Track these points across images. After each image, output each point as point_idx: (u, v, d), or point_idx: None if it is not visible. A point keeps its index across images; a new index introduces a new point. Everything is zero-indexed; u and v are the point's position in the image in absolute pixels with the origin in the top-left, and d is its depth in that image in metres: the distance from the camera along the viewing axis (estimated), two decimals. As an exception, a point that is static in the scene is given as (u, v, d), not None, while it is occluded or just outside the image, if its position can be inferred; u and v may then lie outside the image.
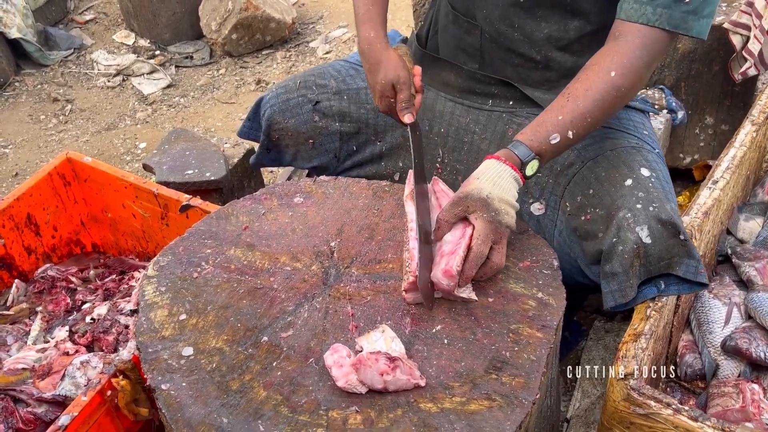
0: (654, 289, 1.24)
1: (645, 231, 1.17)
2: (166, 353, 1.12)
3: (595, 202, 1.26)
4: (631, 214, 1.19)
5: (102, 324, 1.57)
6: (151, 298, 1.22)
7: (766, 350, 1.43)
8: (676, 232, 1.18)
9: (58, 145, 2.97)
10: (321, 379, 1.06)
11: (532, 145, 1.15)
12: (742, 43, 1.89)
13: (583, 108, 1.16)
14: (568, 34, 1.33)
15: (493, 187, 1.12)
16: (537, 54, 1.36)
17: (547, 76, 1.39)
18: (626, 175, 1.25)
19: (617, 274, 1.20)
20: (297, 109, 1.53)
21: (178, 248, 1.32)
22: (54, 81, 3.41)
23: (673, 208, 1.22)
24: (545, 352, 1.07)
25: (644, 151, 1.31)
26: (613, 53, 1.18)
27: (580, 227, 1.27)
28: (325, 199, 1.42)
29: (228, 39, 3.39)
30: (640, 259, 1.19)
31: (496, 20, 1.36)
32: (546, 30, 1.34)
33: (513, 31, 1.36)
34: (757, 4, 1.86)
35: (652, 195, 1.21)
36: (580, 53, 1.35)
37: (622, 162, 1.28)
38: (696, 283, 1.22)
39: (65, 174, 1.81)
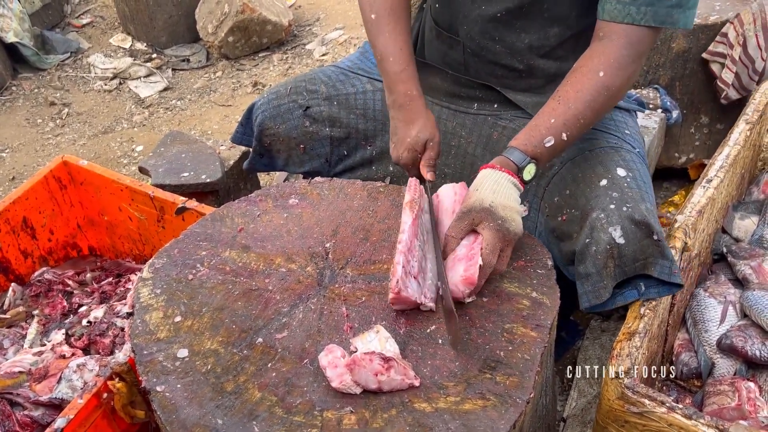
0: (635, 292, 1.23)
1: (618, 231, 1.17)
2: (161, 355, 1.12)
3: (571, 202, 1.26)
4: (605, 214, 1.19)
5: (98, 327, 1.57)
6: (146, 300, 1.22)
7: (761, 348, 1.43)
8: (650, 232, 1.18)
9: (55, 149, 2.97)
10: (316, 379, 1.06)
11: (526, 150, 1.16)
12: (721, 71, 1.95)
13: (574, 110, 1.16)
14: (549, 42, 1.34)
15: (495, 196, 1.12)
16: (520, 63, 1.38)
17: (532, 83, 1.40)
18: (602, 175, 1.25)
19: (591, 275, 1.20)
20: (288, 114, 1.54)
21: (173, 250, 1.32)
22: (51, 85, 3.41)
23: (648, 209, 1.21)
24: (539, 351, 1.07)
25: (623, 151, 1.31)
26: (599, 54, 1.18)
27: (557, 228, 1.27)
28: (320, 201, 1.42)
29: (224, 42, 3.40)
30: (614, 260, 1.19)
31: (477, 35, 1.38)
32: (527, 40, 1.34)
33: (494, 44, 1.37)
34: (730, 36, 1.91)
35: (627, 195, 1.21)
36: (564, 58, 1.36)
37: (599, 162, 1.28)
38: (672, 284, 1.22)
39: (61, 177, 1.81)
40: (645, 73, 2.06)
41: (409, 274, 1.11)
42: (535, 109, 1.40)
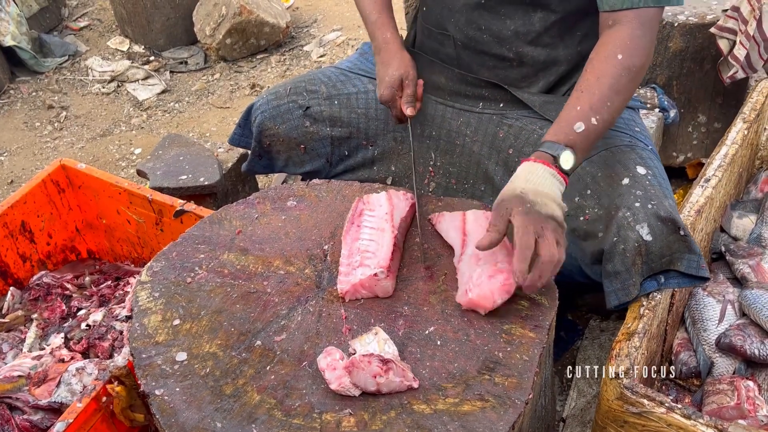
0: (654, 283, 1.24)
1: (645, 229, 1.18)
2: (160, 359, 1.12)
3: (592, 202, 1.26)
4: (631, 212, 1.20)
5: (97, 330, 1.57)
6: (144, 303, 1.22)
7: (760, 347, 1.43)
8: (676, 228, 1.19)
9: (54, 152, 2.97)
10: (314, 382, 1.06)
11: (558, 139, 1.15)
12: (729, 48, 1.90)
13: (599, 94, 1.16)
14: (534, 27, 1.35)
15: (526, 183, 1.11)
16: (508, 51, 1.38)
17: (524, 72, 1.40)
18: (623, 174, 1.26)
19: (620, 273, 1.21)
20: (288, 114, 1.54)
21: (172, 253, 1.32)
22: (49, 88, 3.41)
23: (671, 204, 1.23)
24: (538, 352, 1.07)
25: (638, 149, 1.32)
26: (613, 39, 1.19)
27: (579, 228, 1.28)
28: (318, 203, 1.43)
29: (222, 44, 3.40)
30: (641, 257, 1.20)
31: (464, 26, 1.39)
32: (512, 26, 1.36)
33: (481, 34, 1.39)
34: (743, 10, 1.86)
35: (650, 192, 1.22)
36: (552, 46, 1.37)
37: (617, 161, 1.28)
38: (697, 277, 1.23)
39: (59, 181, 1.81)
40: (642, 73, 2.06)
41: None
42: (543, 107, 1.40)
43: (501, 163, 1.42)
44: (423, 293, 1.19)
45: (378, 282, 1.16)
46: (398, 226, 1.26)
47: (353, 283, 1.16)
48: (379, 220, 1.27)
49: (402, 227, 1.29)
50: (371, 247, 1.21)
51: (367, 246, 1.21)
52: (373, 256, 1.19)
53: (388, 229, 1.24)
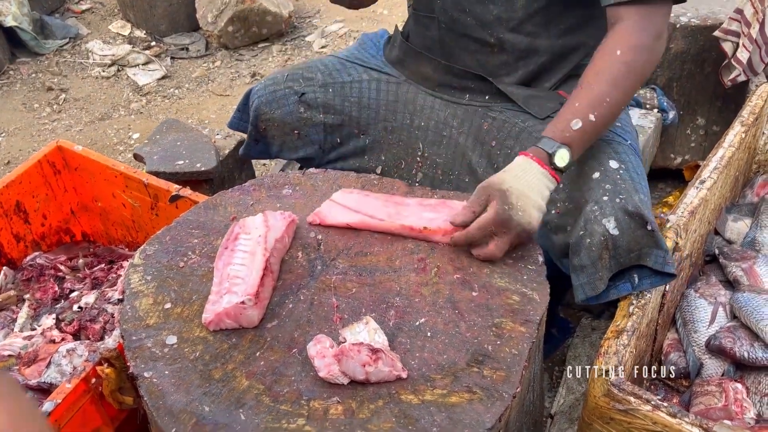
0: (628, 285, 1.24)
1: (612, 222, 1.18)
2: (150, 341, 1.12)
3: (564, 196, 1.27)
4: (598, 206, 1.20)
5: (89, 312, 1.57)
6: (136, 286, 1.22)
7: (750, 350, 1.44)
8: (644, 223, 1.19)
9: (51, 134, 2.96)
10: (303, 369, 1.06)
11: (555, 136, 1.16)
12: (733, 50, 1.90)
13: (597, 90, 1.16)
14: (516, 14, 1.36)
15: (515, 181, 1.12)
16: (490, 36, 1.39)
17: (503, 59, 1.41)
18: (594, 168, 1.26)
19: (585, 267, 1.21)
20: (283, 100, 1.55)
21: (165, 237, 1.32)
22: (49, 70, 3.40)
23: (641, 199, 1.22)
24: (527, 346, 1.07)
25: (614, 143, 1.32)
26: (615, 37, 1.20)
27: (551, 221, 1.28)
28: (314, 192, 1.42)
29: (224, 31, 3.39)
30: (608, 251, 1.20)
31: (450, 7, 1.41)
32: (495, 11, 1.37)
33: (465, 16, 1.40)
34: (746, 12, 1.86)
35: (620, 187, 1.22)
36: (535, 35, 1.37)
37: (591, 155, 1.29)
38: (665, 273, 1.23)
39: (55, 162, 1.81)
40: (643, 73, 2.06)
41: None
42: (526, 101, 1.41)
43: (484, 155, 1.43)
44: (415, 284, 1.19)
45: (244, 311, 1.10)
46: (272, 248, 1.21)
47: (217, 312, 1.10)
48: (253, 244, 1.21)
49: (278, 248, 1.23)
50: (241, 272, 1.16)
51: (237, 271, 1.16)
52: (242, 282, 1.13)
53: (259, 252, 1.19)
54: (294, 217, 1.31)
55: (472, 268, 1.22)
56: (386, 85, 1.55)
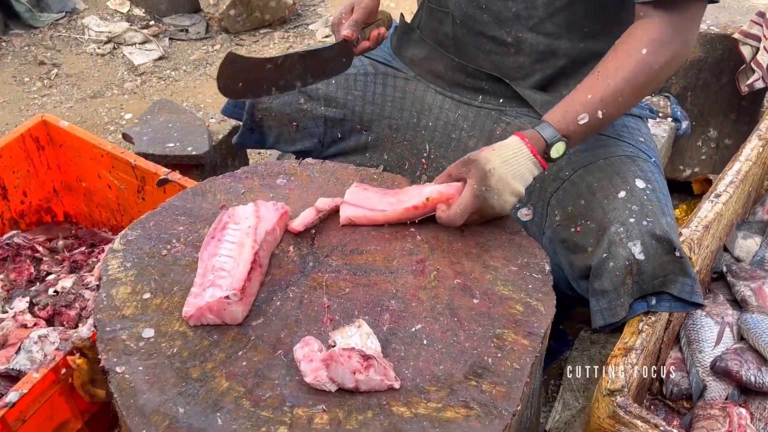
0: (644, 305, 1.18)
1: (638, 247, 1.11)
2: (125, 333, 1.04)
3: (586, 213, 1.19)
4: (624, 228, 1.13)
5: (65, 297, 1.49)
6: (114, 273, 1.14)
7: (757, 374, 1.38)
8: (672, 248, 1.12)
9: (41, 110, 2.86)
10: (288, 373, 0.99)
11: (559, 126, 1.11)
12: (752, 54, 1.84)
13: (613, 86, 1.10)
14: (536, 12, 1.28)
15: (501, 164, 1.08)
16: (507, 36, 1.32)
17: (520, 61, 1.33)
18: (620, 187, 1.19)
19: (607, 292, 1.14)
20: None
21: (149, 223, 1.24)
22: (42, 43, 3.30)
23: (668, 223, 1.15)
24: (530, 361, 1.00)
25: (639, 161, 1.25)
26: (641, 30, 1.13)
27: (569, 239, 1.21)
28: (310, 183, 1.35)
29: (226, 15, 3.30)
30: (632, 277, 1.13)
31: (465, 4, 1.34)
32: (513, 8, 1.29)
33: (482, 13, 1.32)
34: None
35: (647, 208, 1.15)
36: (555, 36, 1.30)
37: (616, 172, 1.21)
38: (690, 302, 1.16)
39: (39, 137, 1.72)
40: (657, 80, 2.00)
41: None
42: (543, 107, 1.33)
43: None
44: (412, 288, 1.12)
45: (228, 306, 1.03)
46: (262, 240, 1.13)
47: (199, 306, 1.03)
48: (241, 235, 1.14)
49: (268, 241, 1.16)
50: (227, 264, 1.08)
51: (223, 263, 1.08)
52: (228, 276, 1.06)
53: (248, 244, 1.11)
54: (287, 208, 1.23)
55: (473, 273, 1.14)
56: (393, 80, 1.47)
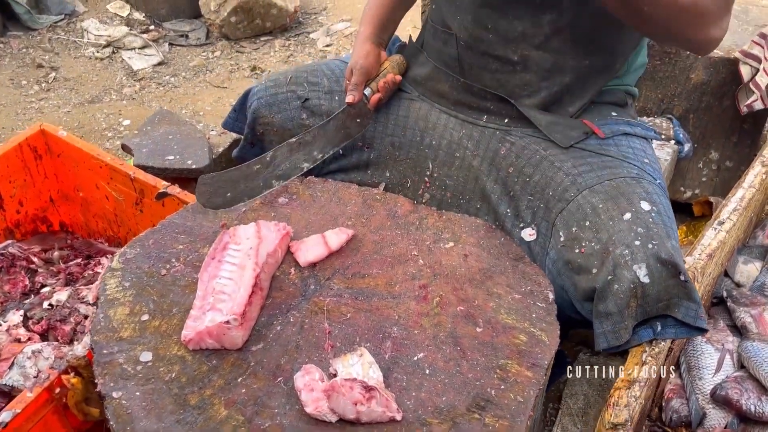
0: (650, 331, 1.17)
1: (643, 270, 1.10)
2: (122, 357, 1.02)
3: (590, 235, 1.18)
4: (629, 251, 1.12)
5: (60, 312, 1.46)
6: (112, 293, 1.12)
7: (757, 403, 1.37)
8: (677, 272, 1.11)
9: (37, 114, 2.83)
10: (288, 401, 0.97)
11: None
12: (751, 75, 1.84)
13: None
14: (543, 30, 1.28)
15: None
16: (513, 54, 1.31)
17: (527, 79, 1.33)
18: (625, 209, 1.18)
19: (611, 314, 1.13)
20: (285, 104, 1.46)
21: (149, 241, 1.22)
22: (40, 46, 3.27)
23: (674, 246, 1.15)
24: (534, 393, 0.99)
25: (645, 182, 1.24)
26: None
27: (574, 260, 1.20)
28: (312, 203, 1.33)
29: (226, 21, 3.28)
30: (637, 300, 1.12)
31: (470, 25, 1.33)
32: (519, 27, 1.29)
33: (487, 33, 1.32)
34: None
35: (652, 231, 1.14)
36: (561, 52, 1.29)
37: (621, 193, 1.20)
38: (695, 327, 1.15)
39: (37, 147, 1.70)
40: (659, 102, 1.99)
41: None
42: (548, 128, 1.32)
43: (500, 182, 1.34)
44: (415, 314, 1.11)
45: (228, 331, 1.02)
46: (263, 263, 1.12)
47: (198, 330, 1.02)
48: (243, 256, 1.12)
49: (269, 263, 1.15)
50: (228, 287, 1.07)
51: (224, 286, 1.07)
52: (228, 299, 1.05)
53: (249, 266, 1.10)
54: (289, 229, 1.22)
55: (477, 300, 1.13)
56: (397, 100, 1.45)
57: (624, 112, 1.40)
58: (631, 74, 1.43)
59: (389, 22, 1.50)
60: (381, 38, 1.47)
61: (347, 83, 1.41)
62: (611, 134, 1.33)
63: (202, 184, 1.24)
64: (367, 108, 1.38)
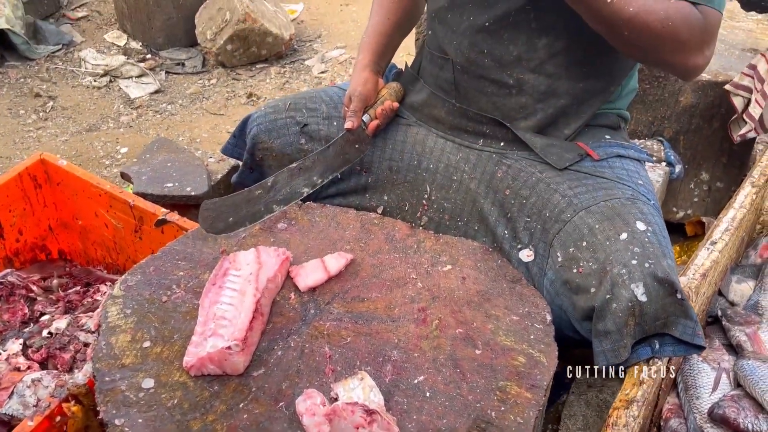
0: (648, 350, 1.18)
1: (641, 288, 1.12)
2: (124, 384, 1.03)
3: (587, 255, 1.20)
4: (626, 270, 1.14)
5: (59, 340, 1.47)
6: (114, 320, 1.13)
7: (754, 422, 1.37)
8: (673, 291, 1.13)
9: (35, 143, 2.86)
10: (290, 426, 0.98)
11: None
12: (744, 105, 1.88)
13: (645, 10, 1.13)
14: (538, 54, 1.31)
15: None
16: (509, 78, 1.34)
17: (522, 102, 1.36)
18: (621, 229, 1.20)
19: (610, 333, 1.14)
20: (284, 129, 1.48)
21: (149, 268, 1.24)
22: (38, 76, 3.30)
23: (669, 265, 1.17)
24: (533, 414, 1.00)
25: (639, 203, 1.27)
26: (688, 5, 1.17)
27: (572, 280, 1.21)
28: (311, 228, 1.35)
29: (222, 49, 3.33)
30: (635, 318, 1.13)
31: (466, 49, 1.36)
32: (515, 52, 1.32)
33: (483, 58, 1.35)
34: (760, 68, 1.84)
35: (648, 250, 1.16)
36: (556, 76, 1.33)
37: (617, 214, 1.23)
38: (692, 345, 1.17)
39: (37, 176, 1.72)
40: (650, 124, 2.03)
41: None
42: (544, 150, 1.35)
43: (497, 204, 1.37)
44: (414, 337, 1.12)
45: (229, 357, 1.02)
46: (264, 288, 1.13)
47: (200, 356, 1.03)
48: (243, 282, 1.14)
49: (270, 288, 1.16)
50: (229, 313, 1.08)
51: (225, 312, 1.08)
52: (229, 325, 1.06)
53: (250, 291, 1.11)
54: (288, 254, 1.24)
55: (475, 322, 1.15)
56: (395, 126, 1.48)
57: (617, 134, 1.44)
58: (623, 98, 1.47)
59: (387, 50, 1.53)
60: (379, 66, 1.50)
61: (346, 110, 1.43)
62: (605, 156, 1.35)
63: (205, 209, 1.25)
64: (365, 134, 1.40)
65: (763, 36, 2.24)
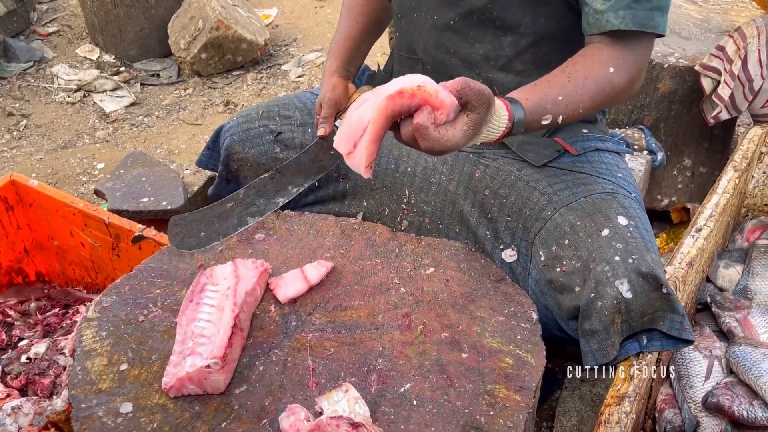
0: (636, 345, 1.16)
1: (625, 285, 1.10)
2: (102, 410, 1.00)
3: (570, 253, 1.18)
4: (610, 267, 1.12)
5: (38, 365, 1.43)
6: (89, 344, 1.10)
7: (749, 408, 1.36)
8: (659, 285, 1.11)
9: (10, 163, 2.80)
10: (275, 444, 0.95)
11: (526, 121, 1.09)
12: (712, 87, 1.87)
13: (579, 96, 1.13)
14: (504, 52, 1.30)
15: (480, 136, 1.04)
16: (478, 77, 1.32)
17: None
18: (602, 225, 1.18)
19: (597, 332, 1.12)
20: (257, 139, 1.45)
21: (124, 287, 1.20)
22: (10, 94, 3.25)
23: (653, 259, 1.15)
24: (523, 417, 0.97)
25: (620, 197, 1.25)
26: (606, 50, 1.17)
27: (556, 279, 1.19)
28: (289, 237, 1.32)
29: (197, 58, 3.29)
30: (621, 315, 1.11)
31: (433, 49, 1.35)
32: (481, 50, 1.31)
33: (450, 57, 1.34)
34: (728, 49, 1.83)
35: (631, 246, 1.14)
36: (525, 73, 1.31)
37: (597, 210, 1.21)
38: (681, 339, 1.15)
39: (8, 198, 1.67)
40: (630, 113, 2.02)
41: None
42: (520, 148, 1.33)
43: (477, 205, 1.34)
44: (399, 344, 1.09)
45: (209, 375, 1.00)
46: (242, 302, 1.11)
47: (179, 376, 0.99)
48: (221, 297, 1.11)
49: (248, 302, 1.13)
50: (207, 330, 1.05)
51: (203, 329, 1.05)
52: (208, 342, 1.03)
53: (228, 307, 1.08)
54: (267, 266, 1.21)
55: (460, 325, 1.12)
56: None
57: (594, 128, 1.42)
58: None
59: (355, 55, 1.50)
60: (347, 71, 1.47)
61: (318, 117, 1.40)
62: (583, 151, 1.33)
63: (174, 225, 1.22)
64: None
65: (739, 18, 2.23)
